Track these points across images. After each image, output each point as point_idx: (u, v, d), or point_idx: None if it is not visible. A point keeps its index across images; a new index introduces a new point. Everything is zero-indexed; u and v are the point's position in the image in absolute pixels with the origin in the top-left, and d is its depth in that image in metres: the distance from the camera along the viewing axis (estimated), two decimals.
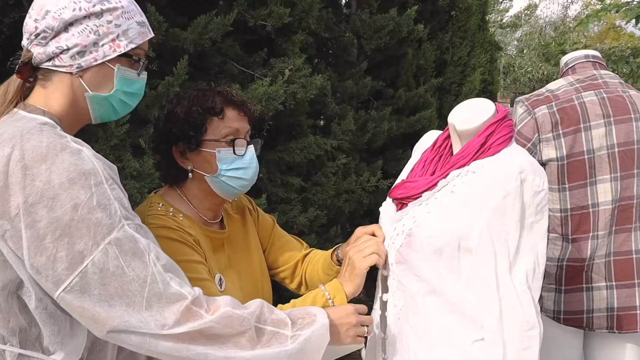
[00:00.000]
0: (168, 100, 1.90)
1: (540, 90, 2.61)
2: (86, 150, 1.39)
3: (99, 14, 1.48)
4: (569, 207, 2.45)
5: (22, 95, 1.52)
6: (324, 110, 4.25)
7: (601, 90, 2.46)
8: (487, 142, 1.73)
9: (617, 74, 6.06)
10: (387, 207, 1.92)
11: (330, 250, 2.11)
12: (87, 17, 1.47)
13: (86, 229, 1.31)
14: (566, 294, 2.50)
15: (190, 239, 1.76)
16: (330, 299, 1.77)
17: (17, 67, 1.51)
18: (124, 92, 1.56)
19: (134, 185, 2.82)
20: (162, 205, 1.83)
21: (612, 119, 2.40)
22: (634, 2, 5.89)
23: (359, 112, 4.72)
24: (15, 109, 1.49)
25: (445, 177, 1.76)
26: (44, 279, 1.31)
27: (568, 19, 28.82)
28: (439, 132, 1.96)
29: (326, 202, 4.07)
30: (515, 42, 28.84)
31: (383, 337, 1.89)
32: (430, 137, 2.00)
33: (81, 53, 1.48)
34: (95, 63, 1.49)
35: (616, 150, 2.40)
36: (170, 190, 1.92)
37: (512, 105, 2.64)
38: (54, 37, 1.47)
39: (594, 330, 2.48)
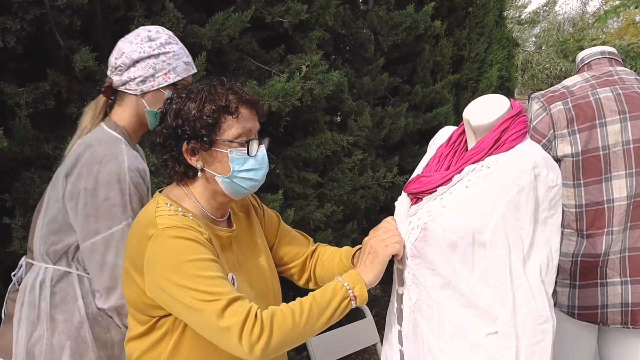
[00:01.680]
0: (176, 94, 1.86)
1: (555, 86, 2.61)
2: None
3: (157, 56, 2.16)
4: (584, 202, 2.45)
5: (107, 109, 2.25)
6: (340, 107, 4.27)
7: (617, 86, 2.46)
8: (501, 138, 1.74)
9: (635, 70, 6.03)
10: (402, 202, 1.93)
11: (350, 251, 2.07)
12: (149, 57, 2.15)
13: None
14: (580, 289, 2.50)
15: (202, 238, 1.72)
16: (350, 288, 1.74)
17: (103, 89, 2.22)
18: None
19: (152, 180, 2.84)
20: (171, 205, 1.78)
21: (627, 115, 2.41)
22: None
23: (376, 109, 4.73)
24: (102, 124, 2.20)
25: (460, 172, 1.77)
26: None
27: (587, 15, 28.61)
28: (454, 127, 1.97)
29: (342, 197, 4.09)
30: (534, 39, 28.66)
31: (399, 329, 1.91)
32: (445, 133, 2.01)
33: (143, 81, 2.16)
34: (152, 89, 2.17)
35: (632, 146, 2.40)
36: (176, 189, 1.88)
37: (529, 102, 2.64)
38: (126, 70, 2.16)
39: (609, 325, 2.49)
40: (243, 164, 1.80)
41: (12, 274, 2.28)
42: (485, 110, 1.80)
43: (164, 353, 1.78)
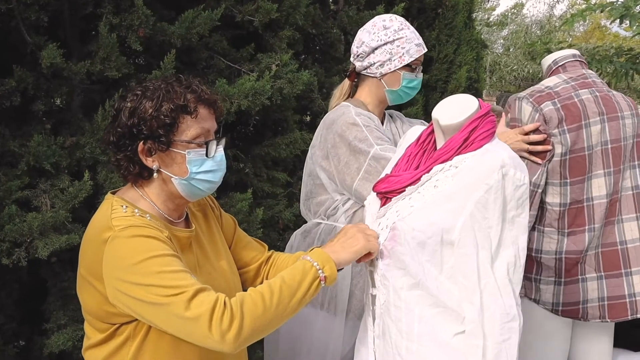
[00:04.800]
0: (130, 91, 1.79)
1: (537, 86, 2.61)
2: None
3: (392, 42, 2.48)
4: (568, 201, 2.49)
5: (351, 91, 2.64)
6: (310, 106, 4.26)
7: (593, 88, 2.51)
8: (470, 137, 1.75)
9: (600, 73, 6.11)
10: (371, 201, 1.93)
11: (304, 253, 2.04)
12: (385, 44, 2.49)
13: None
14: (565, 285, 2.53)
15: (162, 235, 1.67)
16: (319, 268, 1.71)
17: (347, 73, 2.63)
18: (406, 86, 2.54)
19: (119, 179, 2.82)
20: (127, 207, 1.72)
21: (605, 116, 2.46)
22: (618, 2, 5.93)
23: None
24: (342, 102, 2.57)
25: (428, 172, 1.77)
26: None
27: (554, 19, 28.95)
28: (423, 127, 1.98)
29: None
30: (502, 41, 28.93)
31: (373, 330, 1.91)
32: (414, 132, 2.02)
33: (382, 65, 2.51)
34: (389, 71, 2.51)
35: (609, 146, 2.45)
36: (130, 190, 1.81)
37: (497, 103, 2.67)
38: (366, 56, 2.53)
39: (589, 320, 2.53)
40: (201, 165, 1.76)
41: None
42: (454, 110, 1.81)
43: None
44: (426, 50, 2.58)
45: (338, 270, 1.78)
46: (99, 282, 1.66)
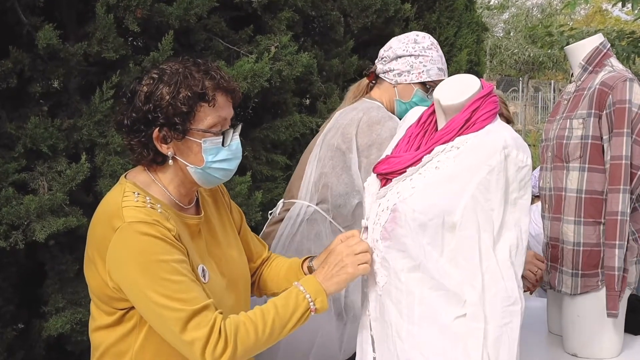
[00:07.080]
0: (146, 74, 1.76)
1: (623, 72, 2.47)
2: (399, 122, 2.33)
3: (417, 56, 2.60)
4: None
5: (367, 90, 2.73)
6: (309, 89, 4.25)
7: None
8: (471, 118, 1.72)
9: None
10: (371, 183, 1.91)
11: (300, 259, 2.07)
12: (410, 56, 2.60)
13: None
14: None
15: (170, 235, 1.66)
16: (311, 301, 1.74)
17: (368, 73, 2.72)
18: (415, 103, 2.59)
19: (117, 162, 2.81)
20: (138, 194, 1.70)
21: None
22: None
23: (345, 91, 4.73)
24: (364, 98, 2.68)
25: (429, 153, 1.75)
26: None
27: (555, 2, 28.83)
28: (424, 107, 1.96)
29: None
30: (502, 24, 28.85)
31: (368, 314, 1.89)
32: (415, 113, 2.00)
33: (400, 74, 2.61)
34: (404, 82, 2.62)
35: None
36: (142, 174, 1.79)
37: (497, 87, 2.63)
38: (389, 61, 2.63)
39: None
40: (217, 154, 1.74)
41: (269, 212, 2.79)
42: (456, 90, 1.78)
43: (133, 347, 1.73)
44: (445, 78, 2.52)
45: None
46: (102, 263, 1.66)
